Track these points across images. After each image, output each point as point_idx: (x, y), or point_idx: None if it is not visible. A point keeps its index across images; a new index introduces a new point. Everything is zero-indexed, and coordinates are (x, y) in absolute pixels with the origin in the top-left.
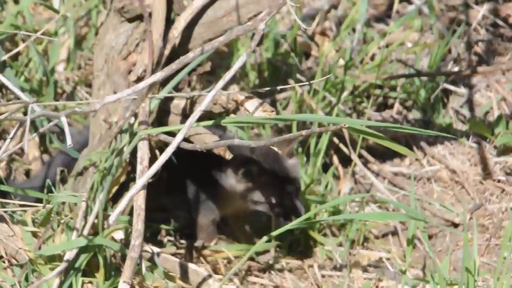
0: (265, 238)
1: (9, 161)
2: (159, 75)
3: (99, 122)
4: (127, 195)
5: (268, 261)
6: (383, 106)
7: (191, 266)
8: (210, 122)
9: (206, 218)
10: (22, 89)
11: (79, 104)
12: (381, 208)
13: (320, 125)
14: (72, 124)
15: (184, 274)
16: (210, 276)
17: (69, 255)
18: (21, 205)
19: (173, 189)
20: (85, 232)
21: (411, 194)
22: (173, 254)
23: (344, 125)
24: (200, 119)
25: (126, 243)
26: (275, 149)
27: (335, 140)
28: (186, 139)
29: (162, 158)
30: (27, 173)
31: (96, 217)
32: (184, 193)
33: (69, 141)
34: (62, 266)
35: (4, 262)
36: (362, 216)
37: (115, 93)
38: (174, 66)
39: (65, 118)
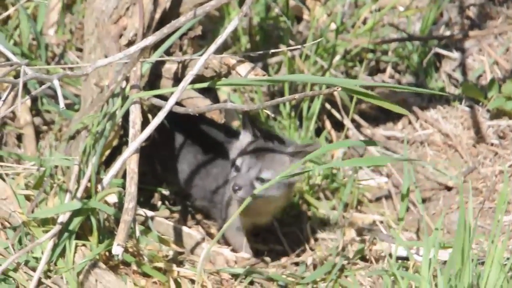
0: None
1: (0, 125)
2: (151, 39)
3: (90, 86)
4: (120, 158)
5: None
6: (375, 70)
7: (185, 229)
8: (203, 84)
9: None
10: (13, 53)
11: (70, 68)
12: (374, 172)
13: (313, 89)
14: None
15: (178, 237)
16: (203, 239)
17: (63, 218)
18: (14, 168)
19: None
20: (78, 195)
21: (404, 157)
22: (167, 218)
23: (338, 88)
24: (191, 83)
25: (119, 206)
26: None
27: (327, 106)
28: (178, 103)
29: (154, 122)
30: (19, 137)
31: (89, 180)
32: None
33: (61, 103)
34: (56, 229)
35: None
36: (350, 163)
37: (106, 57)
38: (165, 30)
39: (57, 81)
